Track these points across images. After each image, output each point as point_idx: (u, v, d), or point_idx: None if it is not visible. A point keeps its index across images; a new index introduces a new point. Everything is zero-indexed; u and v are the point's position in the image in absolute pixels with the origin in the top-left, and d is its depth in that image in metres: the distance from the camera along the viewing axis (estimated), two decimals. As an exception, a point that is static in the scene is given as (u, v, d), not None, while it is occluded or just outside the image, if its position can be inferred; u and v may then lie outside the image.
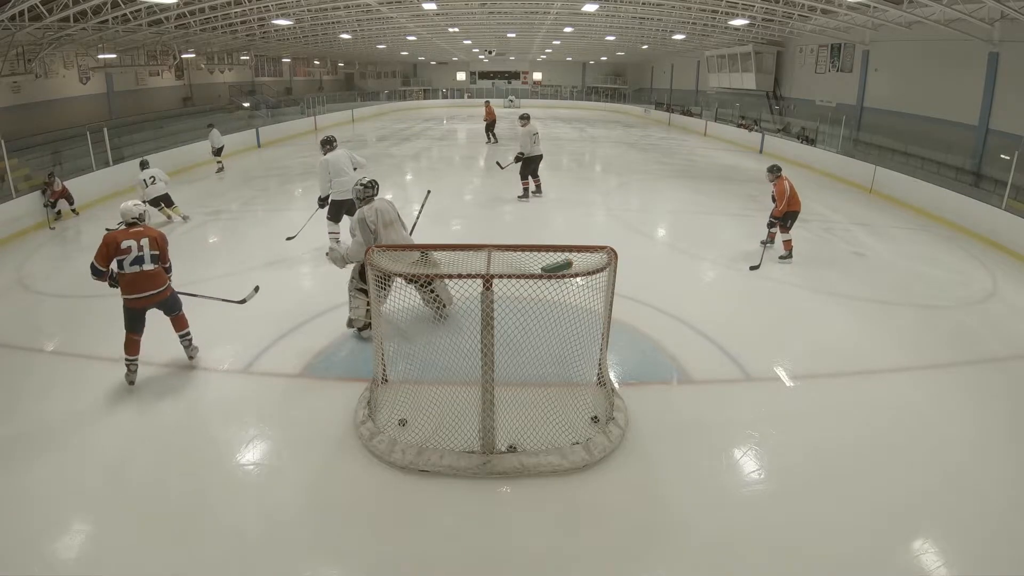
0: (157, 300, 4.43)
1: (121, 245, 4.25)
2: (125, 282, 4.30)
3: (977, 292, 6.72)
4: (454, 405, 3.77)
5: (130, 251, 4.26)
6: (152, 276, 4.35)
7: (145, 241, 4.32)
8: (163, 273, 4.46)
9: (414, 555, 2.95)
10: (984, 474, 3.58)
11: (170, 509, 3.19)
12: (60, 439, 3.79)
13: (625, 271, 4.03)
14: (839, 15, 15.01)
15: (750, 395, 4.44)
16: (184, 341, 4.74)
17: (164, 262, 4.47)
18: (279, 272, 6.91)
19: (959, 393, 4.52)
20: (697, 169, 14.73)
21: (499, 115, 19.96)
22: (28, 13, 11.50)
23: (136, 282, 4.30)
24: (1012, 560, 2.95)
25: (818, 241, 8.43)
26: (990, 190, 10.13)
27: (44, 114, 16.12)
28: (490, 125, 18.75)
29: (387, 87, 40.04)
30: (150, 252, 4.33)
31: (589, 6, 16.78)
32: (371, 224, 4.71)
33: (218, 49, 24.11)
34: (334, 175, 6.93)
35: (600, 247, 3.70)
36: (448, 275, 3.56)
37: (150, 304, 4.42)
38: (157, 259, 4.37)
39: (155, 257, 4.36)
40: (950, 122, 13.10)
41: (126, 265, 4.26)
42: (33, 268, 7.20)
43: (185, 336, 4.73)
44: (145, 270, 4.31)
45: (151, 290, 4.36)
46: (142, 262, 4.29)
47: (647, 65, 36.73)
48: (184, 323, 4.71)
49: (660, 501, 3.33)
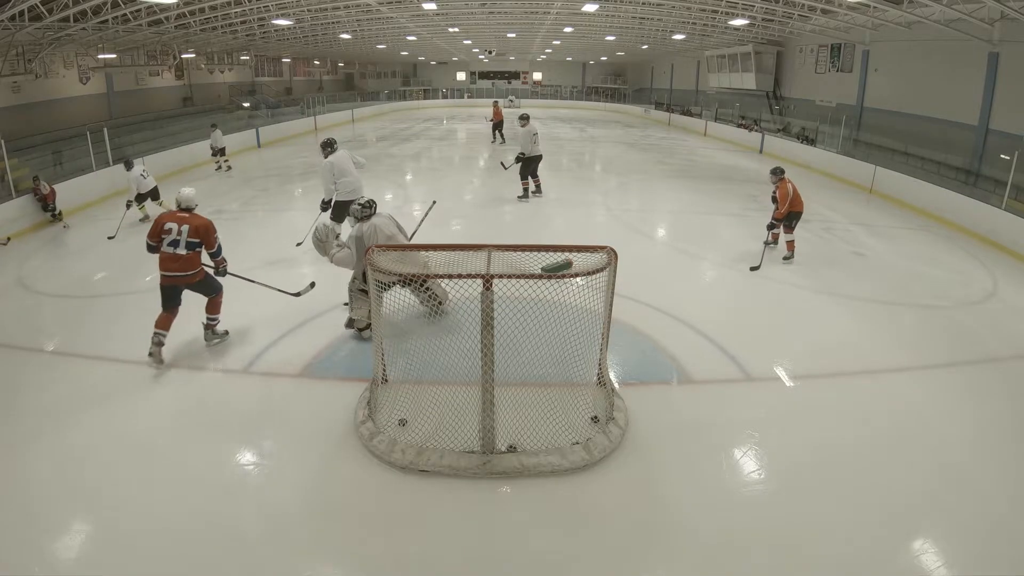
0: (186, 282, 4.73)
1: (164, 226, 4.62)
2: (160, 260, 4.67)
3: (977, 292, 6.72)
4: (454, 405, 3.77)
5: (170, 233, 4.61)
6: (183, 259, 4.65)
7: (185, 227, 4.63)
8: (196, 259, 4.74)
9: (414, 555, 2.95)
10: (984, 474, 3.58)
11: (170, 509, 3.18)
12: (60, 439, 3.79)
13: (625, 271, 4.03)
14: (839, 15, 15.01)
15: (750, 395, 4.45)
16: (209, 322, 5.00)
17: (210, 247, 4.77)
18: (279, 272, 6.90)
19: (959, 393, 4.52)
20: (697, 169, 14.73)
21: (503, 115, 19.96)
22: (28, 13, 11.50)
23: (168, 262, 4.64)
24: (1012, 560, 2.94)
25: (818, 241, 8.43)
26: (990, 190, 10.12)
27: (44, 114, 16.12)
28: (497, 125, 18.76)
29: (387, 87, 40.03)
30: (187, 239, 4.63)
31: (589, 6, 16.77)
32: (367, 241, 4.74)
33: (218, 49, 24.12)
34: (338, 176, 6.90)
35: (600, 247, 3.70)
36: (448, 275, 3.56)
37: (179, 284, 4.72)
38: (194, 246, 4.67)
39: (191, 244, 4.65)
40: (950, 122, 13.09)
41: (164, 245, 4.63)
42: (33, 268, 7.20)
43: (211, 320, 4.99)
44: (178, 253, 4.63)
45: (179, 272, 4.67)
46: (177, 245, 4.62)
47: (647, 65, 36.73)
48: (215, 308, 4.98)
49: (660, 501, 3.33)
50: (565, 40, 28.18)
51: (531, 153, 10.11)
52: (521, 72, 42.55)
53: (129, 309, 5.84)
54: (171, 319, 4.74)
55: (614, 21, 21.31)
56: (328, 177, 6.91)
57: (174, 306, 4.75)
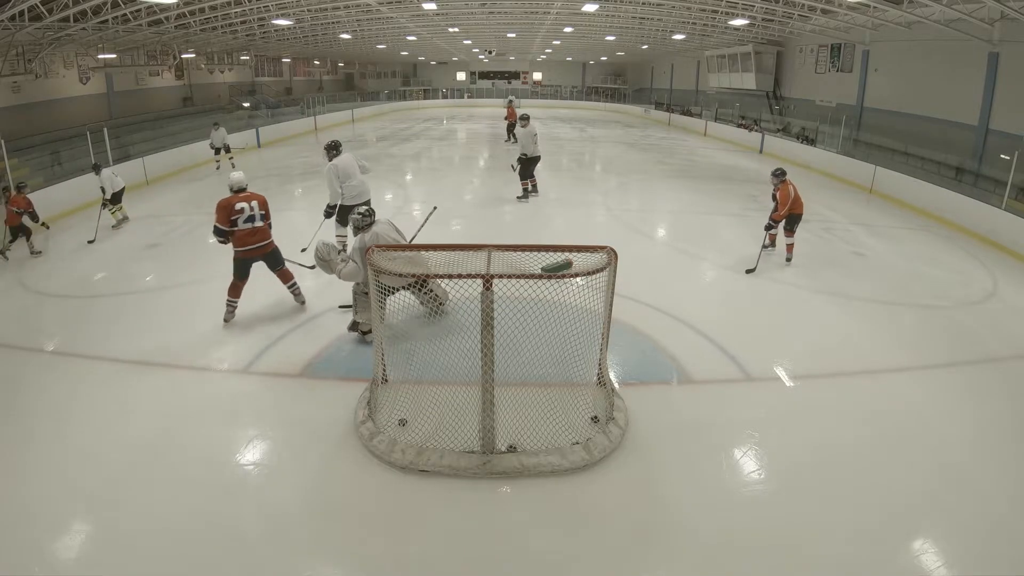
0: (263, 252, 5.30)
1: (236, 207, 5.11)
2: (238, 237, 5.16)
3: (977, 292, 6.72)
4: (454, 405, 3.77)
5: (243, 211, 5.12)
6: (261, 231, 5.26)
7: (255, 203, 5.19)
8: (268, 229, 5.32)
9: (414, 555, 2.95)
10: (984, 474, 3.58)
11: (170, 509, 3.18)
12: (59, 439, 3.79)
13: (625, 271, 4.04)
14: (839, 15, 15.01)
15: (750, 395, 4.45)
16: (293, 290, 5.61)
17: (268, 219, 5.31)
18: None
19: (959, 393, 4.52)
20: (697, 169, 14.73)
21: (500, 115, 20.00)
22: (28, 13, 11.51)
23: (247, 237, 5.18)
24: (1012, 560, 2.95)
25: (818, 241, 8.43)
26: (990, 190, 10.12)
27: (44, 114, 16.13)
28: (512, 126, 18.79)
29: (387, 87, 40.04)
30: (259, 212, 5.21)
31: (589, 6, 16.77)
32: None
33: (218, 49, 24.13)
34: (343, 179, 6.67)
35: (600, 247, 3.70)
36: (448, 275, 3.56)
37: (257, 255, 5.28)
38: (264, 217, 5.25)
39: (263, 216, 5.24)
40: (950, 122, 13.10)
41: (240, 223, 5.13)
42: (33, 268, 7.20)
43: (292, 286, 5.59)
44: (256, 227, 5.20)
45: (260, 242, 5.25)
46: (254, 220, 5.17)
47: (647, 65, 36.73)
48: (289, 276, 5.57)
49: (660, 501, 3.33)
50: (565, 40, 28.19)
51: (532, 154, 10.14)
52: (521, 72, 42.55)
53: (129, 309, 5.85)
54: (242, 288, 5.30)
55: (614, 21, 21.31)
56: (334, 181, 6.67)
57: (246, 277, 5.30)
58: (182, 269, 6.98)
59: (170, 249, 7.85)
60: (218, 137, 13.59)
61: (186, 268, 7.00)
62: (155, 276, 6.84)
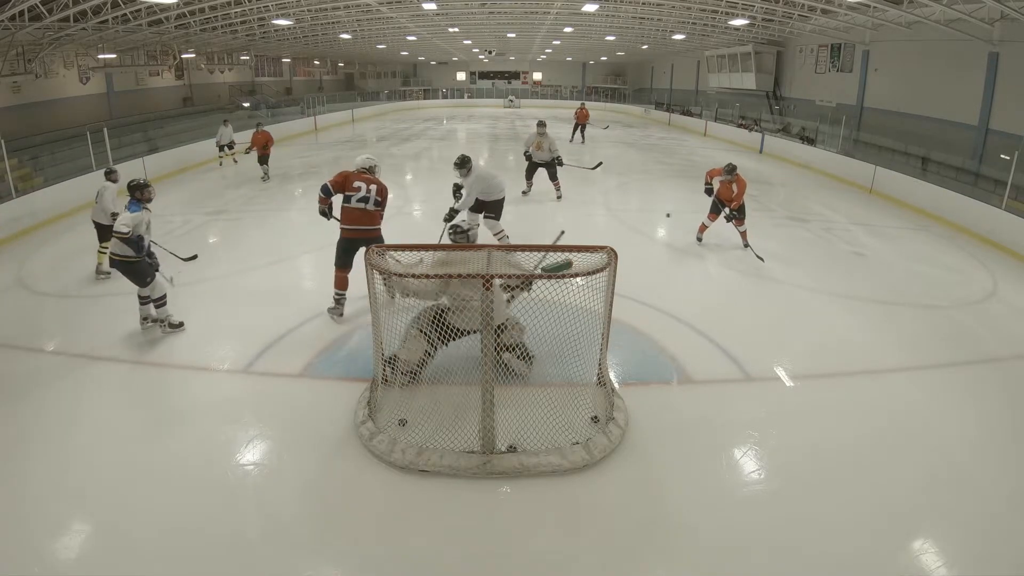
0: (368, 236, 5.16)
1: (353, 184, 5.15)
2: (346, 214, 5.19)
3: (977, 292, 6.72)
4: (454, 405, 3.77)
5: (359, 190, 5.14)
6: (370, 215, 5.23)
7: (373, 187, 5.20)
8: (379, 217, 5.30)
9: (414, 555, 2.95)
10: (984, 474, 3.57)
11: (170, 509, 3.18)
12: (60, 439, 3.79)
13: (625, 271, 4.03)
14: (839, 15, 15.01)
15: (750, 395, 4.44)
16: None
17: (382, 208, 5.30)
18: (279, 271, 6.92)
19: (959, 393, 4.52)
20: (697, 169, 14.70)
21: (501, 115, 19.96)
22: (28, 13, 11.51)
23: (355, 216, 5.17)
24: (1012, 560, 2.94)
25: (818, 241, 8.43)
26: (990, 190, 10.13)
27: (44, 114, 16.13)
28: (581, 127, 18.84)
29: (387, 87, 40.05)
30: (375, 196, 5.20)
31: (589, 6, 16.77)
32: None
33: (218, 49, 24.13)
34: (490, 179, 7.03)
35: (600, 247, 3.70)
36: (448, 275, 3.56)
37: (361, 238, 5.15)
38: (379, 204, 5.25)
39: (378, 202, 5.24)
40: (950, 122, 13.10)
41: (353, 200, 5.14)
42: (33, 268, 7.20)
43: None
44: (367, 209, 5.19)
45: (366, 225, 5.21)
46: (367, 201, 5.18)
47: (647, 65, 36.74)
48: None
49: (660, 501, 3.33)
50: (565, 40, 28.18)
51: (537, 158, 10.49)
52: (521, 72, 42.55)
53: (129, 309, 5.83)
54: (346, 278, 5.25)
55: (614, 21, 21.31)
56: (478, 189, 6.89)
57: (349, 263, 5.24)
58: (182, 269, 6.96)
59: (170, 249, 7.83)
60: (226, 134, 13.84)
61: (186, 268, 6.99)
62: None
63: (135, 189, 4.89)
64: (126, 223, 4.72)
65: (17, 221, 8.61)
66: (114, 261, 4.97)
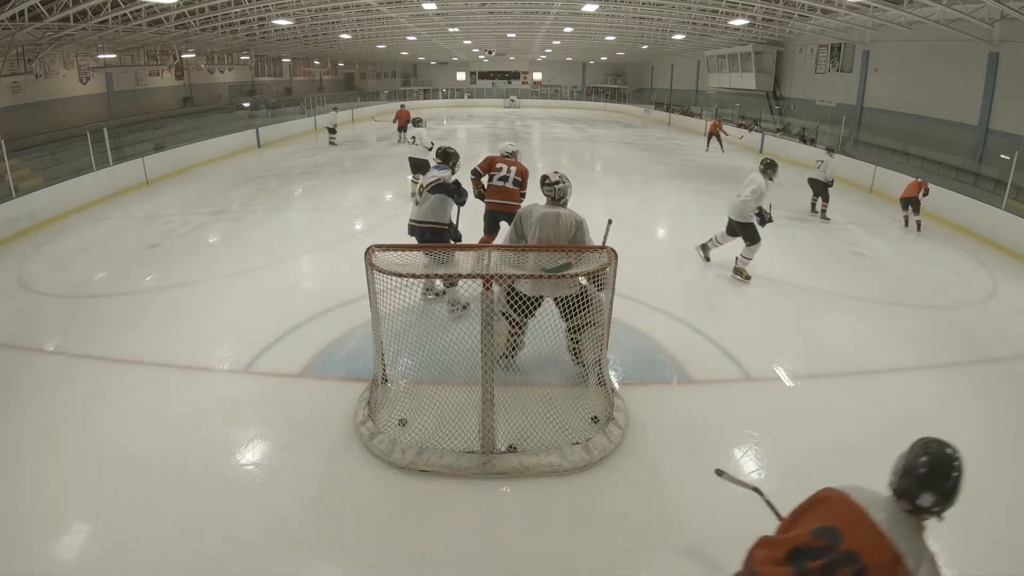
0: (504, 210, 5.95)
1: (497, 165, 6.12)
2: (490, 190, 6.11)
3: (977, 292, 6.72)
4: (454, 405, 3.77)
5: (501, 170, 6.10)
6: (509, 191, 6.06)
7: (514, 168, 6.09)
8: (517, 193, 6.06)
9: (414, 555, 2.95)
10: (985, 474, 3.55)
11: (169, 509, 3.18)
12: (59, 439, 3.79)
13: (625, 271, 4.03)
14: (839, 15, 15.02)
15: (750, 395, 4.44)
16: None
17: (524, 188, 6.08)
18: (279, 271, 6.92)
19: (959, 393, 4.52)
20: (697, 169, 14.72)
21: (500, 115, 19.96)
22: (28, 13, 11.51)
23: (497, 192, 6.08)
24: (1013, 560, 2.95)
25: (818, 241, 8.43)
26: (990, 190, 10.14)
27: (44, 114, 16.11)
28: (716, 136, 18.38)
29: (387, 87, 40.04)
30: (514, 176, 6.06)
31: (589, 6, 16.78)
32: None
33: (218, 49, 24.12)
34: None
35: (600, 247, 3.70)
36: (448, 275, 3.56)
37: (500, 211, 6.01)
38: (518, 183, 6.07)
39: (517, 181, 6.07)
40: (950, 122, 13.10)
41: (495, 179, 6.09)
42: (33, 268, 7.20)
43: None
44: (506, 187, 6.05)
45: (505, 200, 6.03)
46: (506, 180, 6.07)
47: (647, 65, 36.75)
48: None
49: (660, 501, 3.33)
50: (565, 40, 28.19)
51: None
52: (521, 72, 42.56)
53: (129, 309, 5.85)
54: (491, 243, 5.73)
55: (614, 21, 21.33)
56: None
57: (495, 230, 6.07)
58: (182, 269, 6.97)
59: (170, 249, 7.85)
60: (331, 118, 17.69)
61: (186, 268, 7.00)
62: (155, 276, 6.83)
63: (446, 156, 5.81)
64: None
65: (17, 221, 8.61)
66: (424, 230, 5.40)
